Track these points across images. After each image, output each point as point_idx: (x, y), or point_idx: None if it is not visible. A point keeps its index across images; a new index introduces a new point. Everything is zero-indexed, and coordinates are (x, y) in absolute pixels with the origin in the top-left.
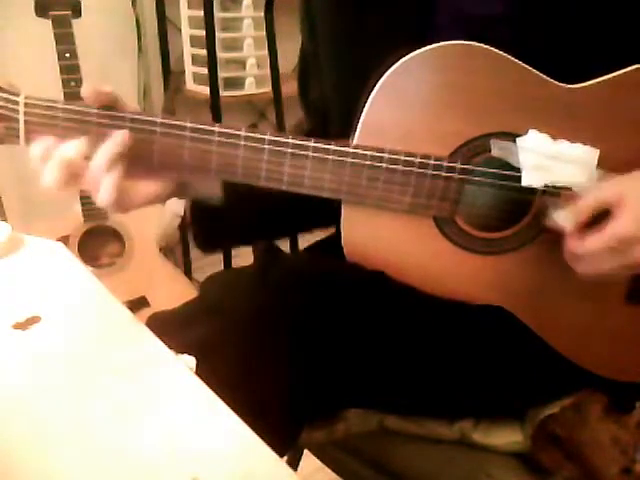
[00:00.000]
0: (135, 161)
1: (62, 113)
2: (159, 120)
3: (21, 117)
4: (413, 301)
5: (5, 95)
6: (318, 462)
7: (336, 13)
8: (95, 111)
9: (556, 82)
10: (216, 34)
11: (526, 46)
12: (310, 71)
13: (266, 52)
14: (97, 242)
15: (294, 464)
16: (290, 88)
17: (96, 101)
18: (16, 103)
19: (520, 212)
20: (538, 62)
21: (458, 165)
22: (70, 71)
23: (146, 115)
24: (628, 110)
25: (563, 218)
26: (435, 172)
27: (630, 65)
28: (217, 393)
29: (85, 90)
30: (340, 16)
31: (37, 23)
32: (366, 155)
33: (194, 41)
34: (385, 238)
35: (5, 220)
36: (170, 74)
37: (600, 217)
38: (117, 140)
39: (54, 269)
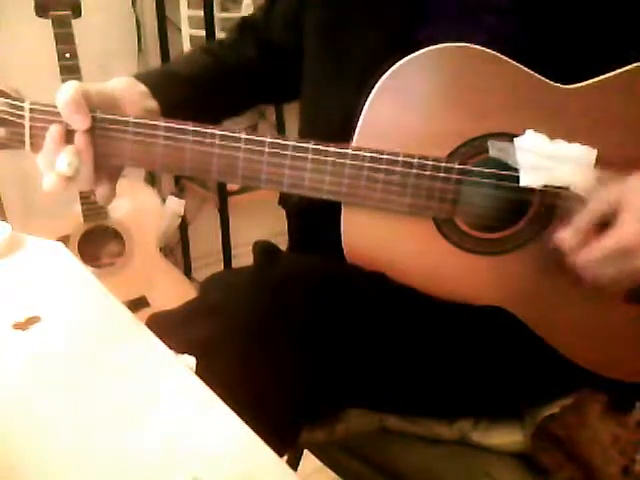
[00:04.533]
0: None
1: None
2: (162, 124)
3: (27, 123)
4: (413, 302)
5: (11, 101)
6: (318, 462)
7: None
8: (98, 116)
9: (552, 82)
10: (216, 34)
11: (521, 36)
12: None
13: None
14: (97, 242)
15: (294, 464)
16: None
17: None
18: (22, 109)
19: (519, 212)
20: (535, 55)
21: (456, 166)
22: (70, 71)
23: (150, 119)
24: (623, 110)
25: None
26: (433, 173)
27: (628, 64)
28: (217, 393)
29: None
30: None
31: (37, 23)
32: (365, 157)
33: (194, 41)
34: (385, 239)
35: (5, 220)
36: None
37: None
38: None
39: (54, 269)
